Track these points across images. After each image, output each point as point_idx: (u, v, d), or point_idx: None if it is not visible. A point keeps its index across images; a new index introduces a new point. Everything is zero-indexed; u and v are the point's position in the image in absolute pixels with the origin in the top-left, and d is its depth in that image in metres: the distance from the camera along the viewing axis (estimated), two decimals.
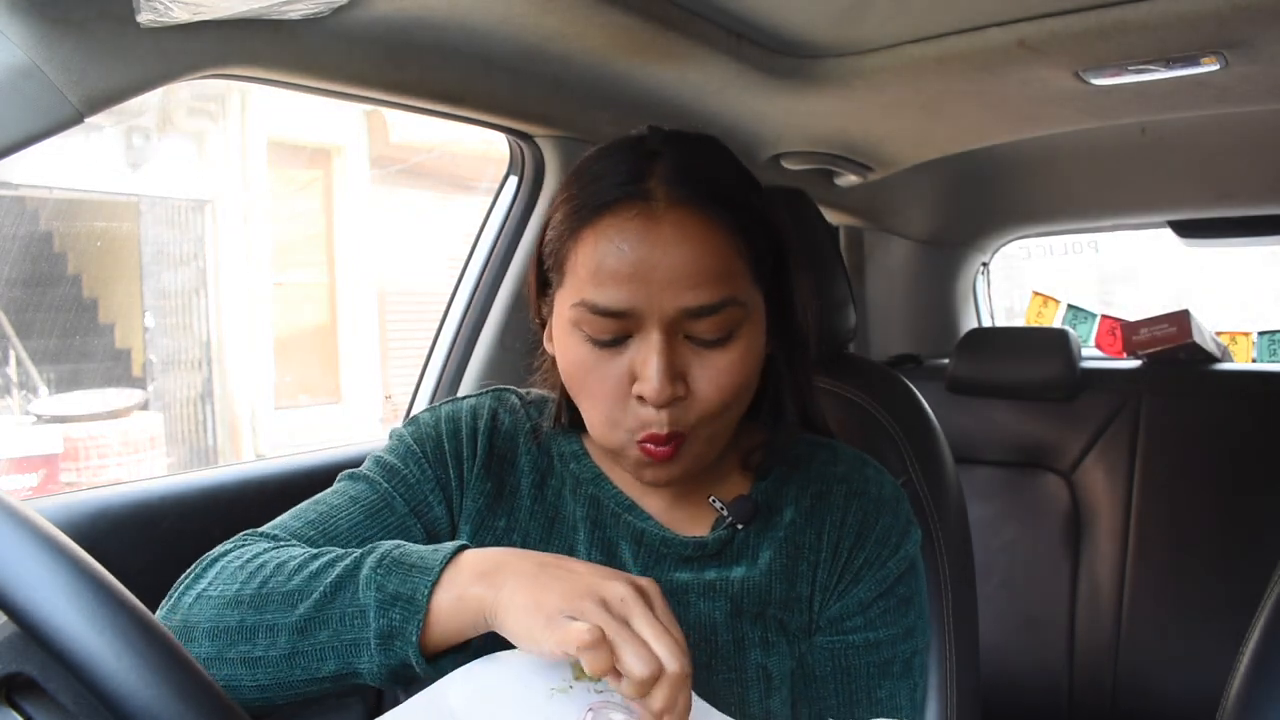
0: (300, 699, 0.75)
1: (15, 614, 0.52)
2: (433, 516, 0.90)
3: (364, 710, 1.34)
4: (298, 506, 0.91)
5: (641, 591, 0.69)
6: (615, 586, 0.68)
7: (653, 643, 0.66)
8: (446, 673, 0.73)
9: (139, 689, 0.52)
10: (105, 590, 0.54)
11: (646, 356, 0.80)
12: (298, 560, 0.78)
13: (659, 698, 0.66)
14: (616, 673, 0.67)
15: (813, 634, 0.90)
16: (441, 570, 0.73)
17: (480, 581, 0.71)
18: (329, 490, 0.92)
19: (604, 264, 0.80)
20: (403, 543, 0.77)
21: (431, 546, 0.76)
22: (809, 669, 0.89)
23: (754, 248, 0.84)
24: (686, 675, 0.66)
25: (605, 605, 0.67)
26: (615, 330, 0.81)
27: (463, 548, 0.75)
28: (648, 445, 0.82)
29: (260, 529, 0.87)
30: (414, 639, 0.71)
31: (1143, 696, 2.00)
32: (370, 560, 0.75)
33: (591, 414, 0.85)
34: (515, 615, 0.68)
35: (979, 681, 1.20)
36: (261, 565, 0.78)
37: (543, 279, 0.90)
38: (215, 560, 0.82)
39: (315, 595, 0.74)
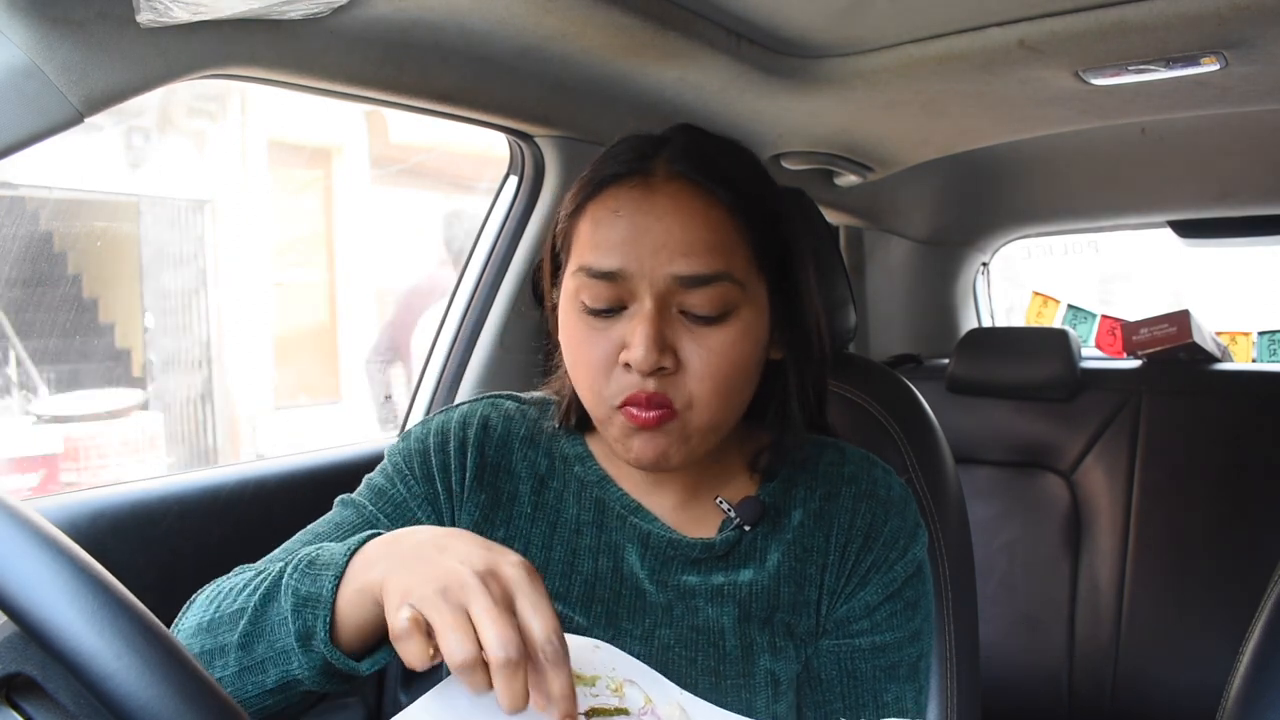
0: (266, 716, 0.75)
1: (15, 614, 0.52)
2: None
3: (364, 712, 1.34)
4: (292, 538, 0.91)
5: (493, 575, 0.65)
6: (460, 573, 0.64)
7: (483, 629, 0.62)
8: (381, 665, 0.72)
9: (139, 689, 0.52)
10: (105, 590, 0.54)
11: (636, 325, 0.80)
12: (245, 580, 0.79)
13: (488, 683, 0.63)
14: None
15: (819, 638, 0.89)
16: (346, 563, 0.71)
17: (370, 569, 0.70)
18: (320, 519, 0.92)
19: (600, 229, 0.82)
20: (327, 545, 0.76)
21: (347, 542, 0.74)
22: (815, 673, 0.89)
23: (756, 233, 0.84)
24: (514, 661, 0.62)
25: (444, 593, 0.63)
26: (610, 297, 0.82)
27: (371, 536, 0.73)
28: (630, 409, 0.81)
29: (253, 565, 0.87)
30: (324, 636, 0.70)
31: (1143, 696, 2.00)
32: (289, 567, 0.74)
33: (581, 385, 0.85)
34: (386, 602, 0.66)
35: (979, 681, 1.20)
36: (219, 591, 0.79)
37: (555, 264, 0.91)
38: (196, 597, 0.83)
39: (250, 611, 0.74)
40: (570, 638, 0.82)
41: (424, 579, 0.65)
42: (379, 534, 0.74)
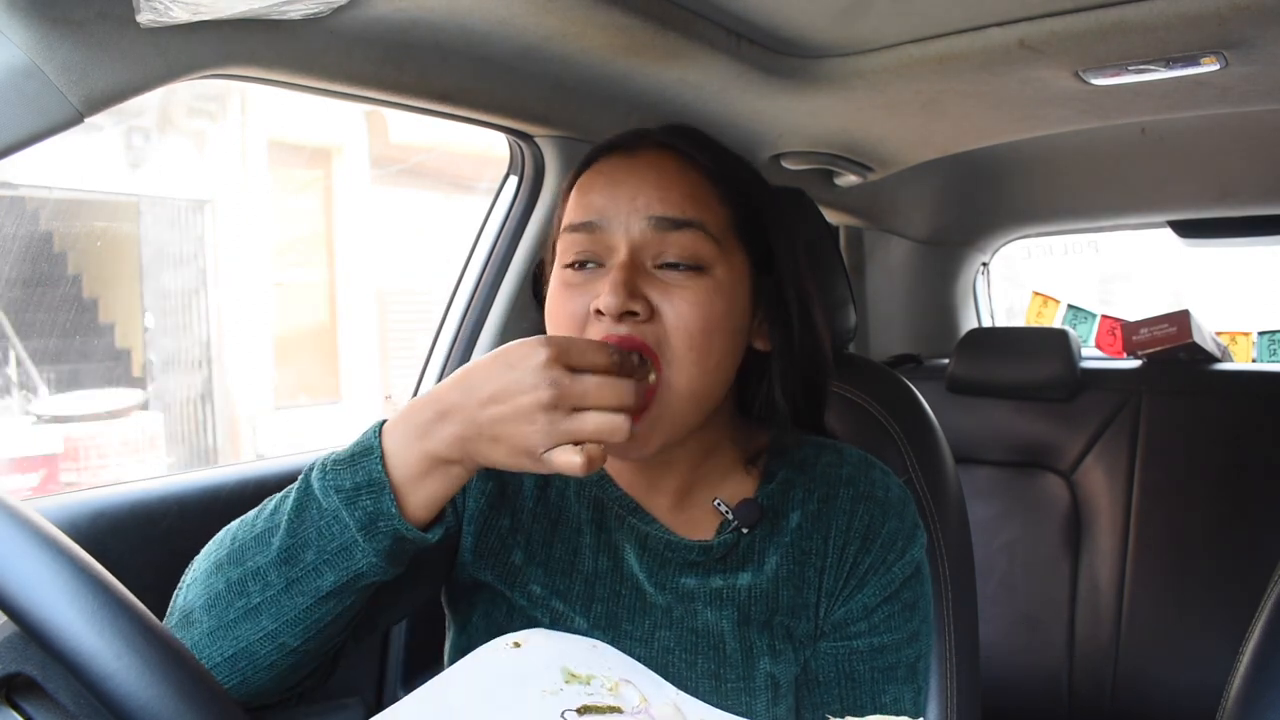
0: (317, 632, 0.75)
1: (15, 614, 0.52)
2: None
3: (364, 710, 1.34)
4: None
5: (549, 377, 0.70)
6: (534, 394, 0.70)
7: (595, 400, 0.71)
8: (439, 537, 0.76)
9: (139, 689, 0.52)
10: (105, 590, 0.54)
11: (609, 274, 0.83)
12: (255, 513, 0.79)
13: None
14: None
15: (817, 639, 0.89)
16: (380, 445, 0.74)
17: (433, 440, 0.73)
18: None
19: (583, 191, 0.87)
20: (333, 450, 0.78)
21: (354, 439, 0.77)
22: (812, 674, 0.89)
23: (735, 204, 0.88)
24: (630, 399, 0.72)
25: (552, 418, 0.70)
26: (588, 249, 0.85)
27: (382, 423, 0.76)
28: None
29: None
30: (393, 510, 0.72)
31: (1143, 696, 2.00)
32: (314, 476, 0.76)
33: None
34: (502, 459, 0.73)
35: (979, 681, 1.20)
36: (228, 531, 0.80)
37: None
38: (193, 562, 0.82)
39: (283, 526, 0.75)
40: (567, 637, 0.82)
41: (520, 427, 0.71)
42: (384, 421, 0.76)
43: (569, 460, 0.70)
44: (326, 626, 0.75)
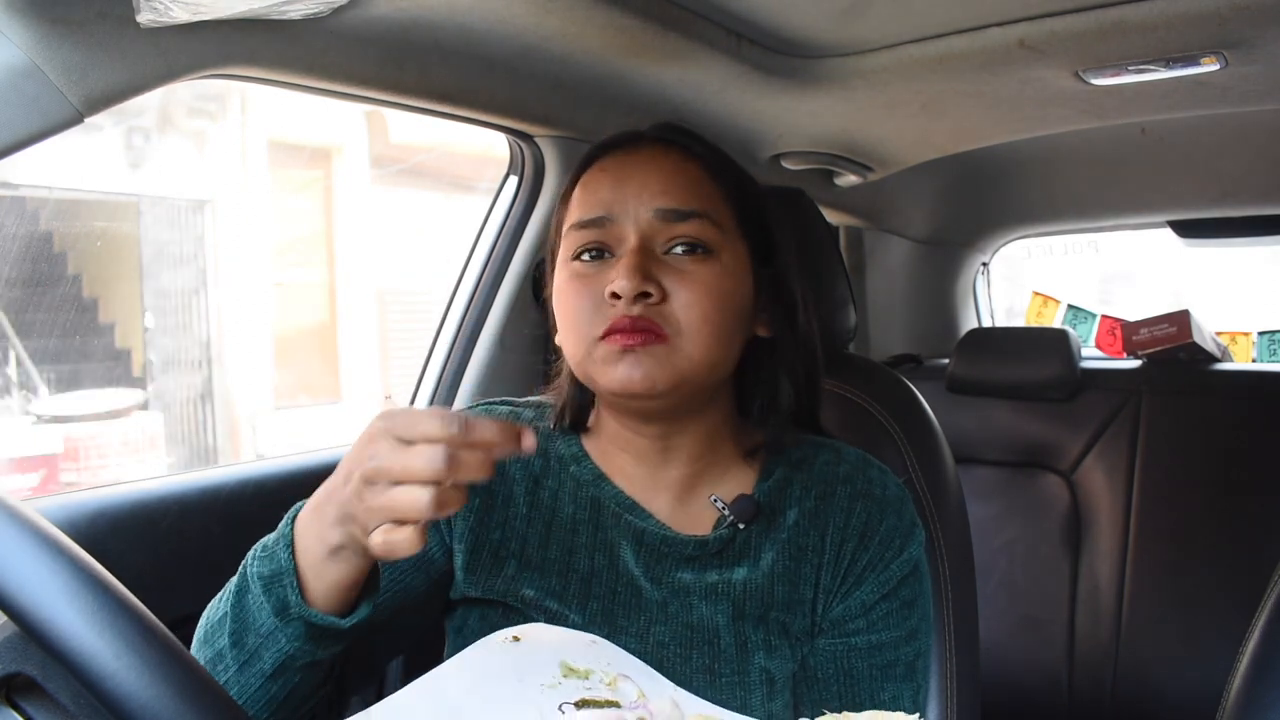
0: (279, 705, 0.77)
1: (15, 614, 0.52)
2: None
3: (362, 705, 1.34)
4: None
5: (369, 442, 0.68)
6: (360, 468, 0.68)
7: (408, 474, 0.66)
8: (367, 618, 0.76)
9: (139, 689, 0.52)
10: (105, 590, 0.54)
11: (621, 260, 0.84)
12: (220, 594, 0.82)
13: (463, 496, 0.69)
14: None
15: (815, 636, 0.89)
16: (291, 532, 0.75)
17: (322, 524, 0.73)
18: None
19: (588, 188, 0.89)
20: (271, 535, 0.79)
21: (285, 519, 0.78)
22: (811, 671, 0.89)
23: (734, 197, 0.90)
24: (445, 464, 0.66)
25: (362, 495, 0.68)
26: (598, 242, 0.87)
27: (300, 509, 0.77)
28: (614, 335, 0.83)
29: None
30: (296, 598, 0.73)
31: (1142, 696, 2.00)
32: (249, 561, 0.78)
33: (568, 331, 0.88)
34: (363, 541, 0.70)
35: (979, 681, 1.20)
36: (208, 607, 0.82)
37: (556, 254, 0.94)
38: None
39: (230, 611, 0.78)
40: (566, 632, 0.82)
41: (349, 506, 0.69)
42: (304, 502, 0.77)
43: (372, 541, 0.68)
44: (285, 700, 0.78)
